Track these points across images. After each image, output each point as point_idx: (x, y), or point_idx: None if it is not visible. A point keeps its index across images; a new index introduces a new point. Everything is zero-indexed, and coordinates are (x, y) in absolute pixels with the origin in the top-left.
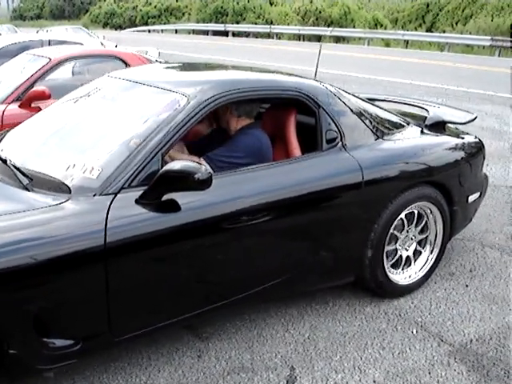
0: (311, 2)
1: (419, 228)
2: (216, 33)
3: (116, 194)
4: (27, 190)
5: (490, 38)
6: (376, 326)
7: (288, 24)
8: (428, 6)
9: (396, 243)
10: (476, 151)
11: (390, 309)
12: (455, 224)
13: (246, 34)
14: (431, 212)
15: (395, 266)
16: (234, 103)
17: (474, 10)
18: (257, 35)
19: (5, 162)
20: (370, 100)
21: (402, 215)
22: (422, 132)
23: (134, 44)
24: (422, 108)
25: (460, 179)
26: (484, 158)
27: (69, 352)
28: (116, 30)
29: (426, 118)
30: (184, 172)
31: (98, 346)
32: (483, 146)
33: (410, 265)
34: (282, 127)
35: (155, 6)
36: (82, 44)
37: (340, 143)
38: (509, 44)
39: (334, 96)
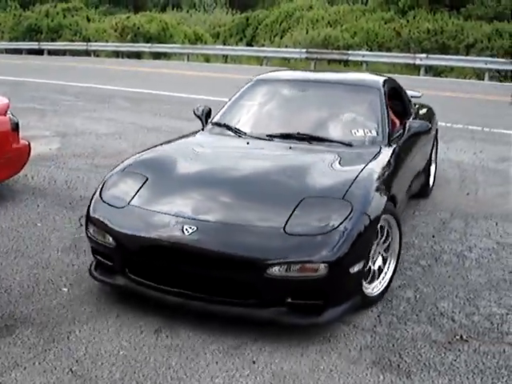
0: (128, 18)
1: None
2: (30, 51)
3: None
4: (350, 145)
5: (305, 50)
6: None
7: (106, 41)
8: (248, 20)
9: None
10: None
11: None
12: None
13: (63, 52)
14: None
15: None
16: None
17: (291, 24)
18: (74, 53)
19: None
20: None
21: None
22: None
23: None
24: None
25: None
26: None
27: None
28: None
29: None
30: None
31: None
32: None
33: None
34: None
35: None
36: None
37: None
38: (323, 56)
39: None
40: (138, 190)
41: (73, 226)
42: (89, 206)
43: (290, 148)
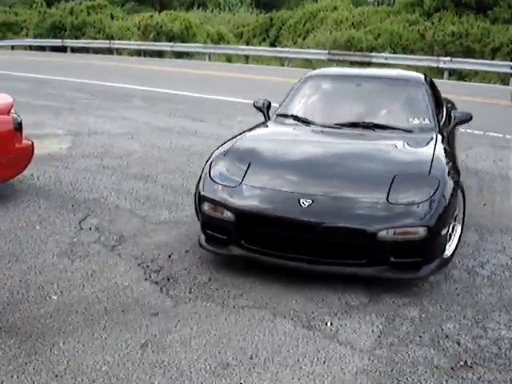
0: (151, 17)
1: None
2: (54, 48)
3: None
4: (411, 132)
5: (327, 51)
6: None
7: (129, 39)
8: (272, 20)
9: None
10: None
11: None
12: None
13: (86, 50)
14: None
15: None
16: None
17: (315, 24)
18: (97, 50)
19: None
20: None
21: None
22: None
23: None
24: None
25: None
26: None
27: None
28: None
29: None
30: None
31: None
32: None
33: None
34: None
35: None
36: None
37: None
38: (345, 57)
39: None
40: (245, 172)
41: (72, 229)
42: (198, 187)
43: (362, 135)
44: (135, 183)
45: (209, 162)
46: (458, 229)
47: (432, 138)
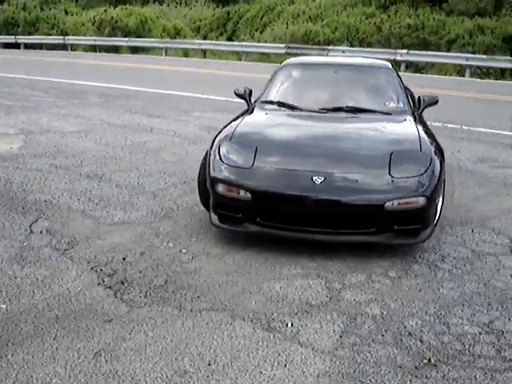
0: (106, 11)
1: None
2: (7, 45)
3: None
4: (390, 114)
5: (284, 45)
6: None
7: (84, 34)
8: (229, 14)
9: None
10: None
11: None
12: None
13: (40, 46)
14: None
15: None
16: None
17: (272, 18)
18: (51, 46)
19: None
20: None
21: None
22: None
23: None
24: None
25: None
26: None
27: None
28: None
29: None
30: None
31: None
32: None
33: None
34: None
35: None
36: None
37: None
38: (303, 51)
39: None
40: (255, 154)
41: (22, 233)
42: (210, 171)
43: (350, 118)
44: (89, 183)
45: (215, 147)
46: (440, 199)
47: (410, 120)
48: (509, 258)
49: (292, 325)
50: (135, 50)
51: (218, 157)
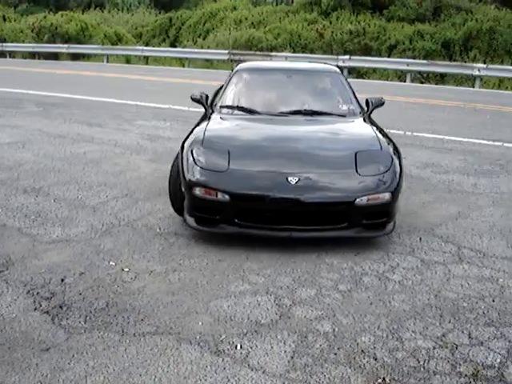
0: (45, 18)
1: None
2: None
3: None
4: (344, 116)
5: (227, 51)
6: None
7: (23, 41)
8: (171, 20)
9: None
10: None
11: None
12: None
13: None
14: None
15: None
16: None
17: (214, 24)
18: None
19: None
20: None
21: None
22: None
23: None
24: None
25: None
26: None
27: None
28: None
29: None
30: None
31: None
32: None
33: None
34: None
35: None
36: None
37: None
38: (246, 57)
39: None
40: (229, 158)
41: None
42: (185, 175)
43: (311, 120)
44: (25, 198)
45: (187, 152)
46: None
47: (363, 121)
48: (457, 266)
49: (241, 347)
50: (76, 56)
51: (192, 161)
